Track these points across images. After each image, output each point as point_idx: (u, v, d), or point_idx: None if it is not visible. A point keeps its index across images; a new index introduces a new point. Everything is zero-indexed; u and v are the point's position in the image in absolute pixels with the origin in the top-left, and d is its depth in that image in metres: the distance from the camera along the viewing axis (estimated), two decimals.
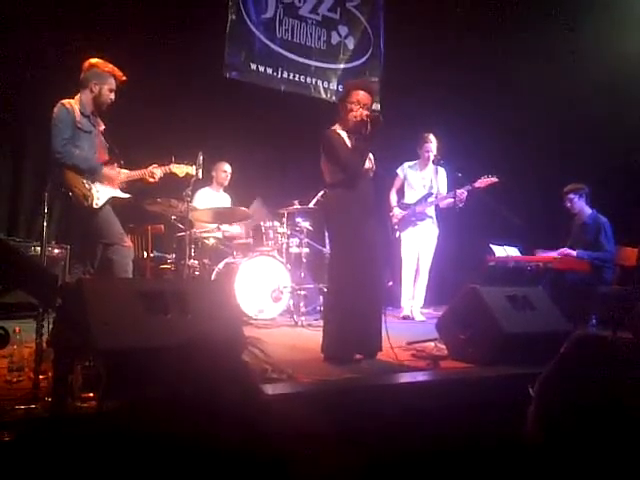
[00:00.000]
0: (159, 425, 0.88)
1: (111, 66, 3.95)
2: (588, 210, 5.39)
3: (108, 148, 4.10)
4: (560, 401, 0.89)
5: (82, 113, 3.88)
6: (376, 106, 7.86)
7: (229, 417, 0.83)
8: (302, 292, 5.39)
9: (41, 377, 2.28)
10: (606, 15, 6.24)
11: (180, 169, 4.37)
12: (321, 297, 5.85)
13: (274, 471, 0.83)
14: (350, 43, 7.70)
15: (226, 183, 6.03)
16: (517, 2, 6.82)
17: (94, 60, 3.94)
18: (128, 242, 4.05)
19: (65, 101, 3.86)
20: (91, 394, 2.21)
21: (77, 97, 3.91)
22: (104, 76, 3.92)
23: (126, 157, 4.36)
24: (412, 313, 5.90)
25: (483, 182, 5.60)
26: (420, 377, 3.15)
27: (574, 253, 5.20)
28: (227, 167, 6.00)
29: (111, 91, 3.95)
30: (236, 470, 0.82)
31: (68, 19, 5.51)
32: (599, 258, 5.14)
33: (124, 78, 3.98)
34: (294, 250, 5.64)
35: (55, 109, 3.84)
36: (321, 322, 4.94)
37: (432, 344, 3.77)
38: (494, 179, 5.61)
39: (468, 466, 2.28)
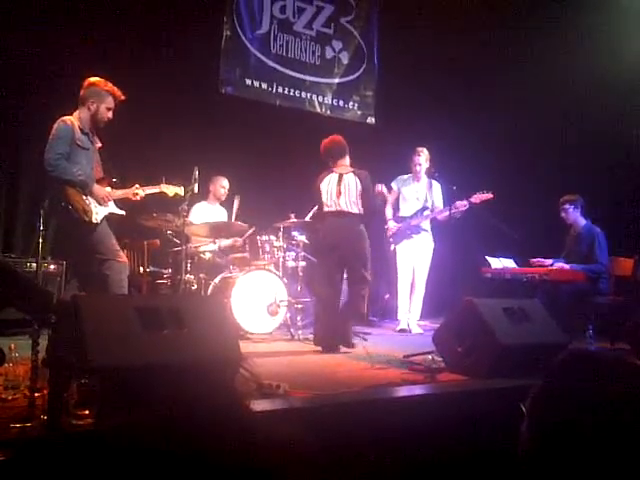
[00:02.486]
0: (155, 443, 0.88)
1: (110, 85, 3.97)
2: (582, 221, 5.42)
3: (103, 165, 4.12)
4: (551, 417, 0.89)
5: (81, 130, 3.90)
6: (370, 120, 7.94)
7: (217, 434, 0.83)
8: (299, 306, 5.38)
9: (36, 395, 2.26)
10: (603, 19, 6.29)
11: (169, 189, 4.41)
12: None
13: None
14: (344, 58, 7.76)
15: (224, 198, 6.05)
16: (513, 15, 6.88)
17: (94, 79, 3.97)
18: (123, 258, 4.05)
19: (65, 117, 3.89)
20: (87, 412, 2.20)
21: (75, 114, 3.93)
22: (103, 95, 3.95)
23: (122, 173, 4.38)
24: (409, 326, 5.90)
25: (478, 198, 5.63)
26: (417, 390, 3.14)
27: (567, 267, 5.21)
28: (225, 182, 6.02)
29: (109, 110, 3.97)
30: None
31: (65, 37, 5.54)
32: (592, 270, 5.14)
33: (123, 97, 4.01)
34: (290, 264, 5.65)
35: (55, 125, 3.86)
36: None
37: (429, 357, 3.76)
38: (489, 195, 5.64)
39: (465, 479, 2.27)
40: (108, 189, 4.06)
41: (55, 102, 4.33)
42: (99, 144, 4.08)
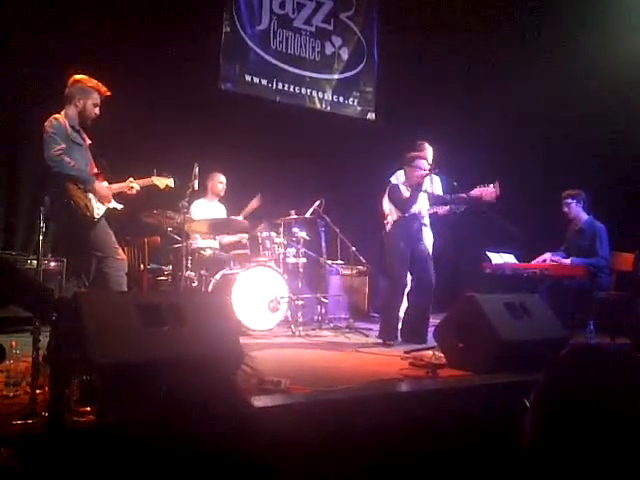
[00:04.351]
0: (155, 438, 0.88)
1: (95, 82, 3.98)
2: (584, 216, 5.40)
3: (100, 161, 4.12)
4: (554, 411, 0.89)
5: (72, 127, 3.90)
6: (370, 115, 7.93)
7: (218, 430, 0.83)
8: (300, 302, 5.38)
9: (38, 392, 2.26)
10: (602, 19, 6.28)
11: (160, 181, 4.40)
12: (319, 307, 5.86)
13: None
14: (344, 53, 7.75)
15: (222, 194, 6.04)
16: (514, 10, 6.86)
17: (78, 76, 3.97)
18: (122, 255, 4.05)
19: (56, 115, 3.89)
20: (88, 408, 2.20)
21: (63, 112, 3.92)
22: (88, 91, 3.95)
23: (121, 169, 4.37)
24: None
25: (480, 191, 5.58)
26: (418, 386, 3.14)
27: (567, 261, 5.19)
28: (223, 178, 6.02)
29: (95, 106, 3.98)
30: None
31: (63, 32, 5.53)
32: (593, 264, 5.13)
33: (108, 93, 4.00)
34: (291, 260, 5.64)
35: (47, 122, 3.85)
36: (318, 332, 5.41)
37: (430, 353, 3.76)
38: (491, 189, 5.60)
39: (467, 474, 2.27)
40: (105, 184, 4.06)
41: (54, 100, 4.32)
42: (88, 141, 4.08)
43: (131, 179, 4.19)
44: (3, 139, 5.61)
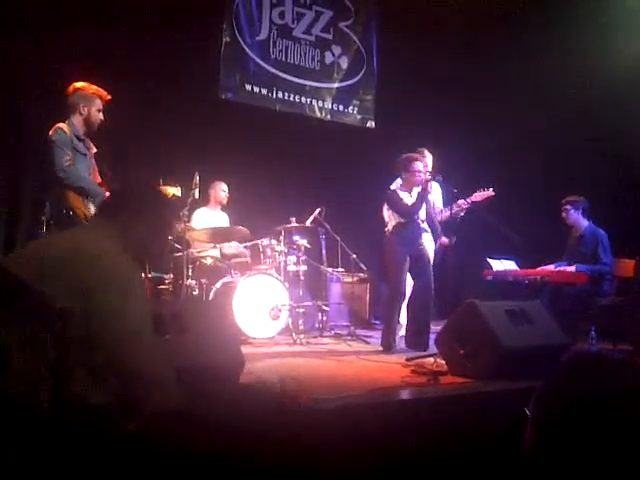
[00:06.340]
0: (164, 450, 0.88)
1: (95, 87, 4.00)
2: (585, 223, 5.38)
3: (99, 171, 4.13)
4: (555, 417, 0.89)
5: (77, 136, 3.91)
6: (370, 124, 7.96)
7: (258, 433, 0.83)
8: (301, 310, 5.38)
9: None
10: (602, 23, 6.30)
11: (167, 191, 4.40)
12: (320, 314, 5.85)
13: None
14: (344, 62, 7.78)
15: (225, 202, 6.06)
16: (511, 18, 6.90)
17: (78, 84, 3.99)
18: None
19: (61, 124, 3.89)
20: None
21: (67, 122, 3.93)
22: (90, 98, 3.97)
23: (123, 180, 4.38)
24: None
25: (480, 196, 5.61)
26: (420, 393, 3.14)
27: (572, 268, 5.18)
28: (225, 186, 6.04)
29: (99, 111, 4.00)
30: None
31: (65, 43, 5.56)
32: (598, 271, 5.12)
33: (109, 97, 4.03)
34: (292, 268, 5.64)
35: (52, 132, 3.85)
36: (320, 340, 5.43)
37: (431, 360, 3.76)
38: (490, 192, 5.63)
39: None
40: (107, 194, 4.07)
41: (55, 109, 4.34)
42: (94, 150, 4.09)
43: None
44: (6, 147, 5.63)
